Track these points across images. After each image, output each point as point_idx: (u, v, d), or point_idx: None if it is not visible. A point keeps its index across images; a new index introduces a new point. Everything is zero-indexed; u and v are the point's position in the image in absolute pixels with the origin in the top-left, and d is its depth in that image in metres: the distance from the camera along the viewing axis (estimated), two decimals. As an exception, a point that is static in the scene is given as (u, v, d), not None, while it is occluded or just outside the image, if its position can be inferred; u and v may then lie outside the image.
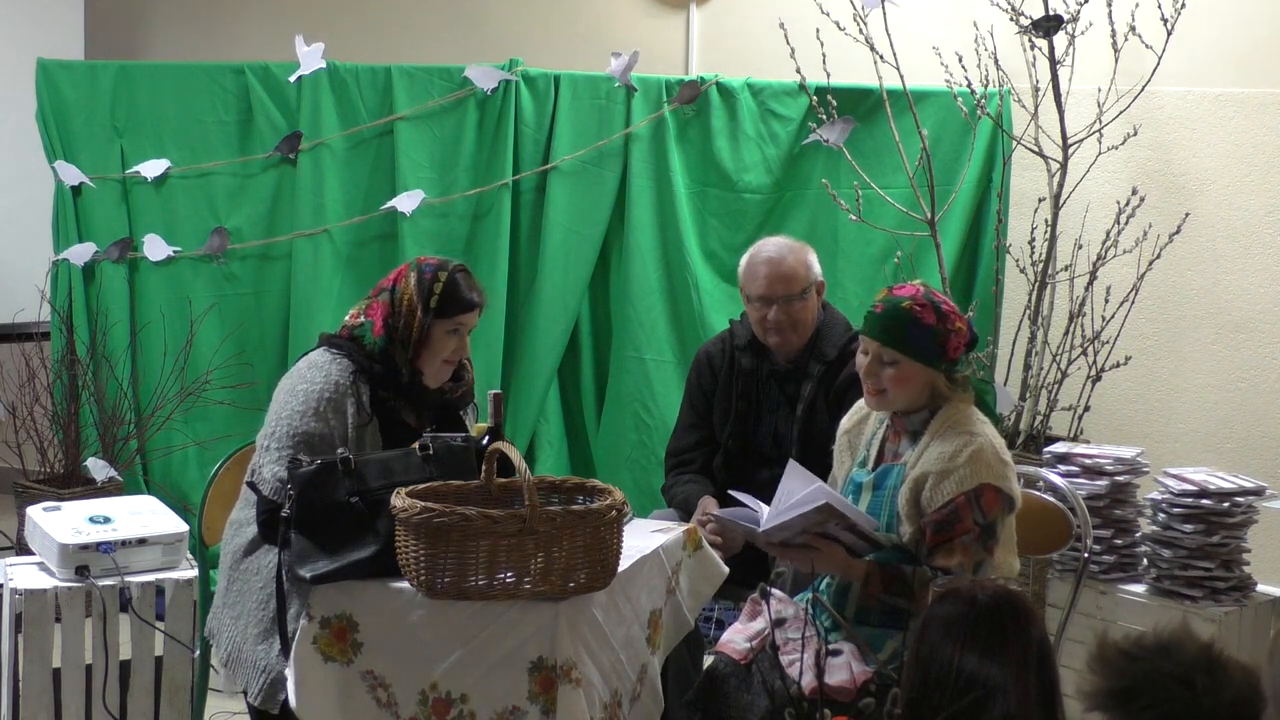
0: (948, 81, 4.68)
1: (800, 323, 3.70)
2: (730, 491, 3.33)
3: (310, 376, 3.07)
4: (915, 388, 3.05)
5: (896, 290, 3.09)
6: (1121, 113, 4.55)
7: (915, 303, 3.02)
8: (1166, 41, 4.43)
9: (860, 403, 3.20)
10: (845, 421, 3.30)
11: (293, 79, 4.93)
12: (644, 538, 3.07)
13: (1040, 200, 4.66)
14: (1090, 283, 4.57)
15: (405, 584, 2.76)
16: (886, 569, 3.00)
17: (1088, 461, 4.12)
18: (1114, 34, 4.48)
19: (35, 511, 3.52)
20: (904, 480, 3.03)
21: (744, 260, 3.79)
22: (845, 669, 2.88)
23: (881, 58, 4.57)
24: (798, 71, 4.67)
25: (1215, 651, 1.85)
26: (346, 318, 3.20)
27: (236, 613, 3.03)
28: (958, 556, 2.93)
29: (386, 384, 3.11)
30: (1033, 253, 4.66)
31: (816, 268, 3.78)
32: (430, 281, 3.13)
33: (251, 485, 3.00)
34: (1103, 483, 4.07)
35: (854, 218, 4.66)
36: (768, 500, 3.10)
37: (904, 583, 2.96)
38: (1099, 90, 4.56)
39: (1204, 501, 3.92)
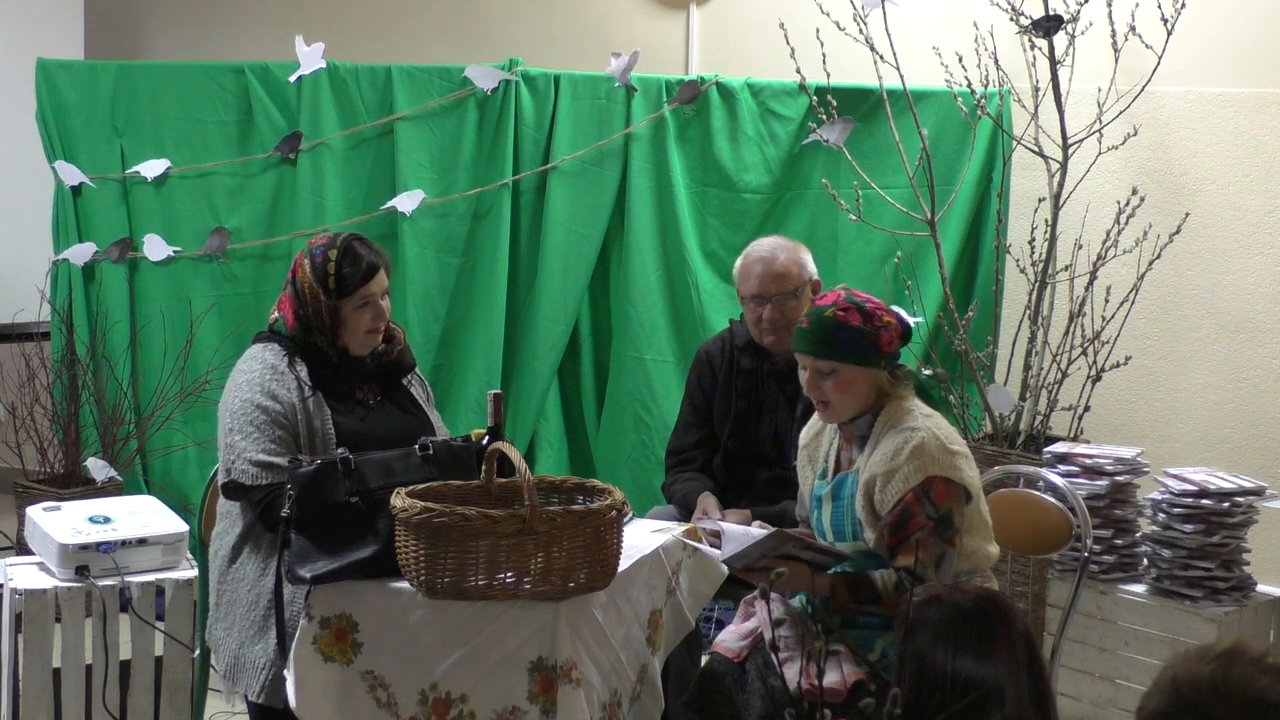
0: (948, 81, 4.68)
1: (795, 321, 3.69)
2: (700, 525, 3.37)
3: (248, 367, 3.14)
4: (859, 392, 3.03)
5: (819, 301, 3.10)
6: (1121, 113, 4.55)
7: (838, 308, 3.02)
8: (1166, 41, 4.43)
9: (816, 415, 3.20)
10: (804, 435, 3.29)
11: (293, 79, 4.92)
12: (644, 538, 3.07)
13: (1040, 200, 4.66)
14: (1090, 283, 4.57)
15: (405, 584, 2.76)
16: (850, 578, 2.99)
17: (1088, 461, 4.12)
18: (1114, 34, 4.47)
19: (35, 511, 3.52)
20: (858, 486, 3.03)
21: (738, 261, 3.80)
22: (836, 669, 2.88)
23: (881, 58, 4.57)
24: (798, 71, 4.66)
25: (1239, 688, 1.74)
26: (269, 315, 3.24)
27: (229, 623, 3.07)
28: (916, 553, 2.92)
29: (319, 366, 3.15)
30: (1033, 253, 4.66)
31: (810, 267, 3.78)
32: (323, 264, 3.14)
33: (230, 486, 3.02)
34: (1103, 483, 4.06)
35: (854, 218, 4.66)
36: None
37: (870, 588, 2.96)
38: (1099, 90, 4.56)
39: (1204, 501, 3.93)
